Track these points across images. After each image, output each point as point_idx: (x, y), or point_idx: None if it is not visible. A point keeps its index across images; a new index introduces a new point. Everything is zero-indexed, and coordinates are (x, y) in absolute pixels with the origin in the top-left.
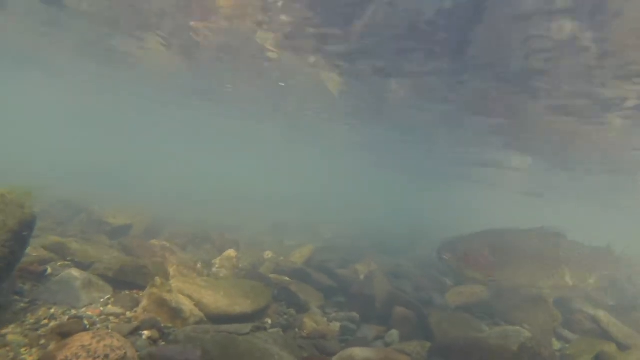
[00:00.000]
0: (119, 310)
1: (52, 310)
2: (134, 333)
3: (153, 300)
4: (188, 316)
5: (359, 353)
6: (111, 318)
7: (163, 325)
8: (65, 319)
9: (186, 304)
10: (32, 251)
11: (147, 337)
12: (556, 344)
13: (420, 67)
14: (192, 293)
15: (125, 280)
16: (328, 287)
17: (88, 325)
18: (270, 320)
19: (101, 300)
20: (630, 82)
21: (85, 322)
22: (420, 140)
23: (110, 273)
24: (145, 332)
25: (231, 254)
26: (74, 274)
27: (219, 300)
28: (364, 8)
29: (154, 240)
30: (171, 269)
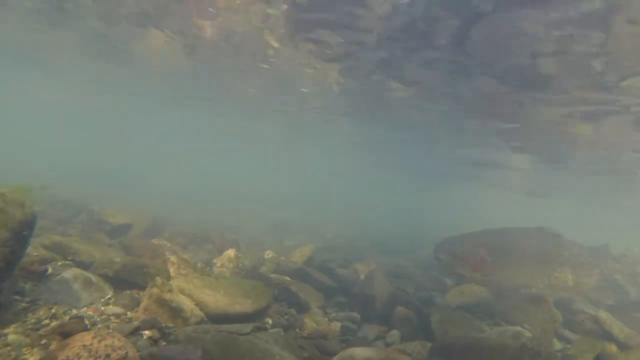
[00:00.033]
0: (119, 310)
1: (53, 310)
2: (134, 333)
3: (154, 300)
4: (189, 316)
5: (359, 353)
6: (112, 318)
7: (164, 325)
8: (66, 319)
9: (187, 304)
10: (33, 250)
11: (148, 337)
12: (557, 344)
13: (420, 67)
14: (193, 293)
15: (126, 280)
16: (328, 287)
17: (89, 325)
18: (271, 320)
19: (102, 300)
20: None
21: (86, 322)
22: (421, 140)
23: (110, 273)
24: (146, 332)
25: (231, 253)
26: (74, 274)
27: (219, 300)
28: (364, 5)
29: (154, 240)
30: (172, 268)
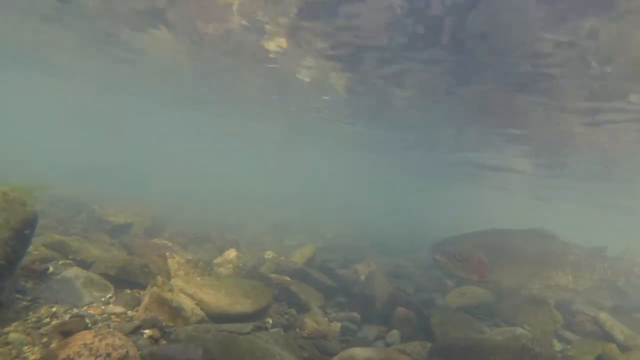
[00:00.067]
0: (120, 309)
1: (54, 309)
2: (135, 332)
3: (154, 299)
4: (189, 315)
5: (359, 353)
6: (112, 317)
7: (164, 324)
8: (67, 318)
9: (187, 303)
10: (34, 249)
11: (149, 336)
12: (557, 345)
13: (421, 67)
14: (193, 292)
15: (127, 279)
16: (329, 287)
17: (90, 324)
18: (271, 320)
19: (102, 299)
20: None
21: (87, 321)
22: (421, 140)
23: (111, 272)
24: (147, 331)
25: (232, 253)
26: (75, 273)
27: (220, 299)
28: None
29: (155, 239)
30: (172, 268)
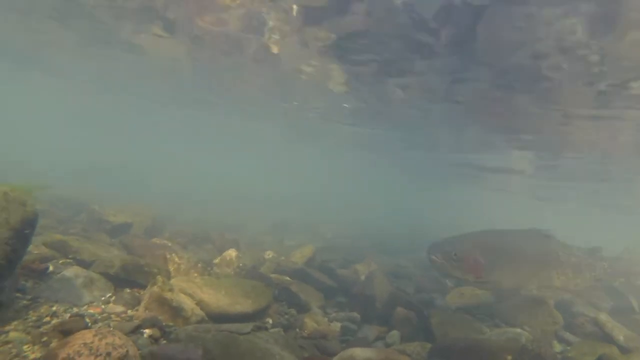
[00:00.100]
0: (120, 308)
1: (54, 308)
2: (135, 331)
3: (154, 299)
4: (189, 315)
5: (359, 353)
6: (112, 316)
7: (164, 323)
8: (67, 317)
9: (187, 303)
10: (34, 249)
11: (149, 336)
12: (557, 347)
13: (422, 67)
14: (193, 292)
15: (127, 279)
16: (329, 287)
17: (90, 323)
18: (271, 320)
19: (102, 298)
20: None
21: (87, 320)
22: (421, 140)
23: (111, 271)
24: (147, 331)
25: (232, 253)
26: (75, 272)
27: (220, 299)
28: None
29: (155, 239)
30: (172, 267)
